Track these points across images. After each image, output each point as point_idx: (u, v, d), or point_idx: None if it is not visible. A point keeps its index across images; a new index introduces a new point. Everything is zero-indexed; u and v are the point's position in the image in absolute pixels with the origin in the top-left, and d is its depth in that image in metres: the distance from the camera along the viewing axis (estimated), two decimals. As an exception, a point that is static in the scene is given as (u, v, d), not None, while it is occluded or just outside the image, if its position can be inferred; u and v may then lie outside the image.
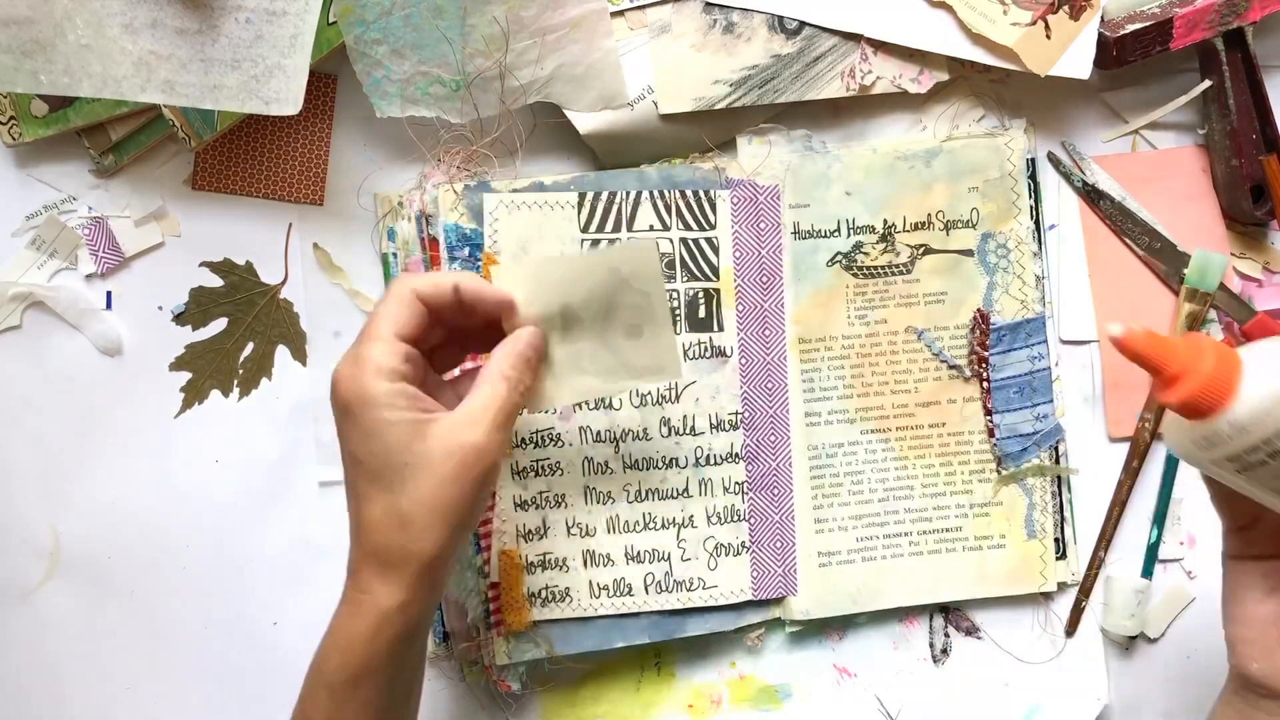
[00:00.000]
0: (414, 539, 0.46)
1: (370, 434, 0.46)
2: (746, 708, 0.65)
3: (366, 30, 0.58)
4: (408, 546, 0.46)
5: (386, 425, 0.46)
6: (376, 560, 0.47)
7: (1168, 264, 0.65)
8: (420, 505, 0.46)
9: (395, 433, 0.46)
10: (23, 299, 0.63)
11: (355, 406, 0.46)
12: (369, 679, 0.47)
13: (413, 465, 0.46)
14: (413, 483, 0.46)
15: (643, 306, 0.53)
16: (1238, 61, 0.62)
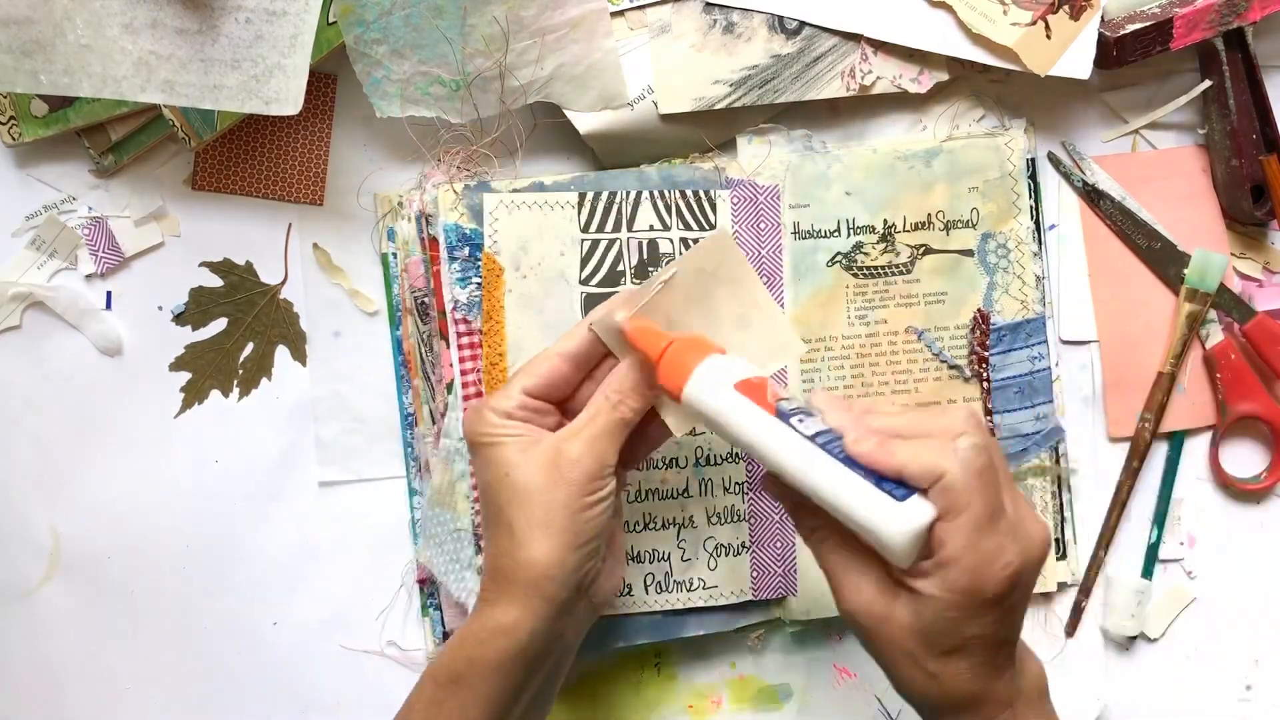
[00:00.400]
0: (520, 549, 0.48)
1: (485, 461, 0.50)
2: (746, 708, 0.65)
3: (366, 30, 0.58)
4: (517, 557, 0.49)
5: (494, 448, 0.50)
6: (496, 573, 0.50)
7: (1168, 264, 0.65)
8: (522, 515, 0.49)
9: (502, 453, 0.50)
10: (23, 299, 0.63)
11: (471, 439, 0.51)
12: (469, 683, 0.49)
13: (513, 477, 0.49)
14: (516, 496, 0.49)
15: (741, 295, 0.52)
16: (1238, 61, 0.62)
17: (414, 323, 0.62)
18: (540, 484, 0.49)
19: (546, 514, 0.49)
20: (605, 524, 0.50)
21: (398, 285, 0.63)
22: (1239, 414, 0.64)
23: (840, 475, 0.44)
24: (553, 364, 0.52)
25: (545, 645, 0.50)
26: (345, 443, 0.64)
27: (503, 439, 0.50)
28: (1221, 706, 0.66)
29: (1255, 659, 0.66)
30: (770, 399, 0.46)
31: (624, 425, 0.51)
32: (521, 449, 0.50)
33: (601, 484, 0.50)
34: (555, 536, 0.48)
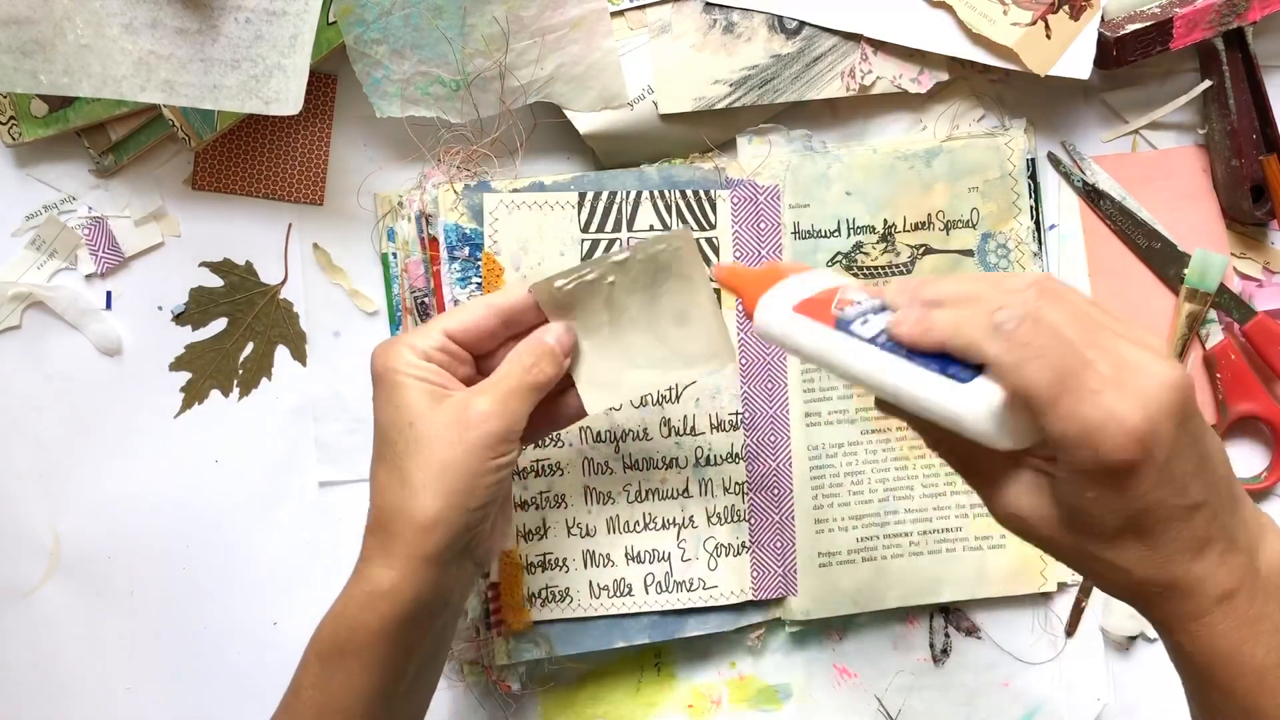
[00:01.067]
0: (410, 501, 0.46)
1: (388, 399, 0.48)
2: (746, 708, 0.65)
3: (366, 30, 0.58)
4: (404, 509, 0.46)
5: (403, 390, 0.47)
6: (378, 526, 0.48)
7: (1168, 264, 0.65)
8: (419, 467, 0.46)
9: (409, 397, 0.47)
10: (22, 299, 0.63)
11: (380, 373, 0.48)
12: (355, 653, 0.47)
13: (416, 427, 0.47)
14: (416, 445, 0.47)
15: (687, 293, 0.52)
16: (1238, 61, 0.62)
17: (414, 323, 0.62)
18: (444, 439, 0.46)
19: (444, 470, 0.46)
20: (503, 488, 0.49)
21: (398, 285, 0.63)
22: (1239, 414, 0.64)
23: (903, 370, 0.40)
24: (481, 312, 0.50)
25: (429, 607, 0.48)
26: (345, 443, 0.64)
27: (413, 381, 0.48)
28: (1221, 706, 0.66)
29: (1255, 659, 0.66)
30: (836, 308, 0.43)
31: (536, 389, 0.49)
32: (430, 397, 0.47)
33: (506, 447, 0.48)
34: (449, 495, 0.46)
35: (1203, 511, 0.37)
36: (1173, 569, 0.38)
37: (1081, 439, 0.36)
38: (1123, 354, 0.37)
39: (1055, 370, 0.36)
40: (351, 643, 0.47)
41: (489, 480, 0.47)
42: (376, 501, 0.48)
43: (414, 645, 0.49)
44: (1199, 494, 0.37)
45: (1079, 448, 0.36)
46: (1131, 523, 0.37)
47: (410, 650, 0.48)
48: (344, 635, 0.47)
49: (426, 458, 0.46)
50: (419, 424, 0.47)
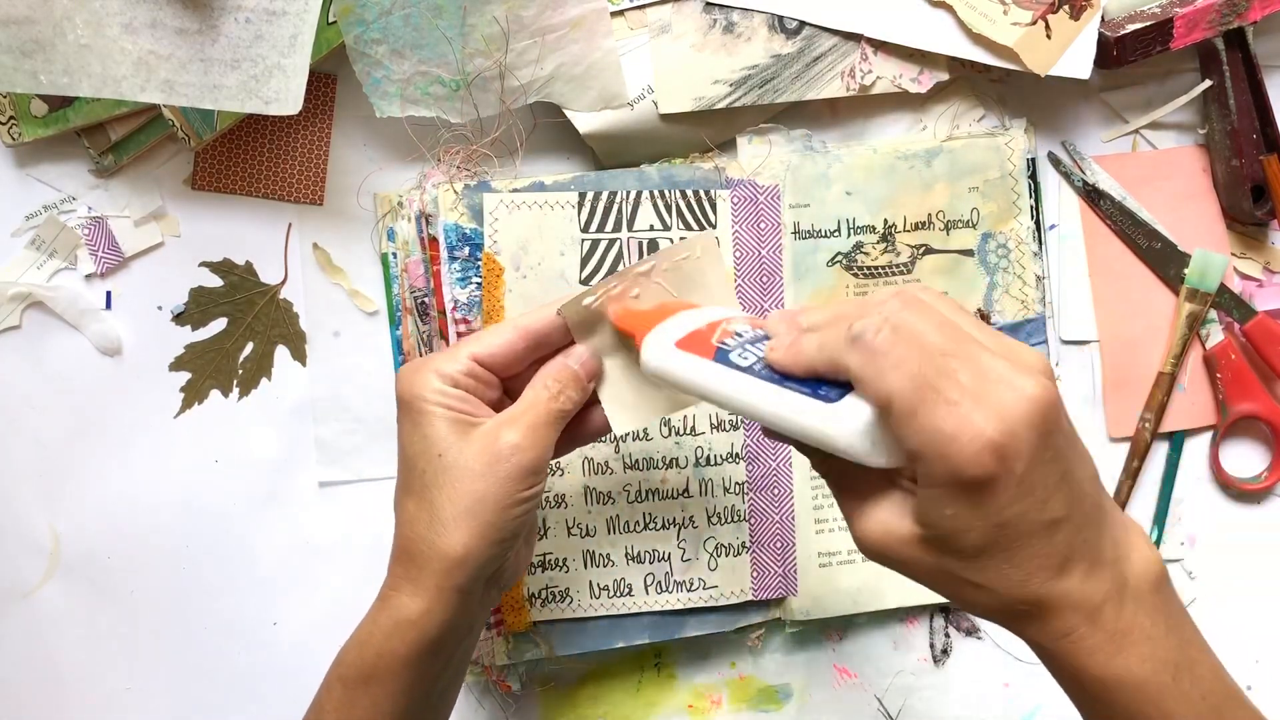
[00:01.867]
0: (440, 534, 0.46)
1: (415, 427, 0.47)
2: (746, 708, 0.65)
3: (366, 30, 0.58)
4: (434, 542, 0.46)
5: (431, 419, 0.47)
6: (406, 557, 0.47)
7: (1168, 264, 0.65)
8: (449, 499, 0.46)
9: (437, 427, 0.47)
10: (22, 299, 0.63)
11: (406, 400, 0.48)
12: (381, 680, 0.47)
13: (445, 458, 0.46)
14: (444, 476, 0.46)
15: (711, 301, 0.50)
16: (1238, 61, 0.62)
17: (414, 323, 0.62)
18: (473, 472, 0.46)
19: (474, 504, 0.46)
20: (531, 518, 0.48)
21: (398, 285, 0.63)
22: (1239, 414, 0.64)
23: (776, 395, 0.40)
24: (509, 336, 0.49)
25: (455, 634, 0.48)
26: (345, 443, 0.64)
27: (440, 410, 0.47)
28: (1221, 706, 0.66)
29: (1255, 659, 0.66)
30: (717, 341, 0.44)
31: (563, 417, 0.48)
32: (458, 427, 0.47)
33: (536, 479, 0.47)
34: (479, 529, 0.46)
35: (1064, 527, 0.36)
36: (1036, 586, 0.37)
37: (937, 451, 0.35)
38: (985, 365, 0.36)
39: (913, 379, 0.35)
40: (378, 670, 0.47)
41: (518, 511, 0.47)
42: (404, 532, 0.47)
43: (439, 672, 0.49)
44: (1060, 509, 0.36)
45: (935, 460, 0.35)
46: (992, 540, 0.36)
47: (436, 676, 0.49)
48: (370, 662, 0.47)
49: (456, 490, 0.46)
50: (448, 456, 0.46)
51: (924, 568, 0.39)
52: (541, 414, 0.47)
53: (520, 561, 0.52)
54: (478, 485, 0.46)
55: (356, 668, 0.47)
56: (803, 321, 0.41)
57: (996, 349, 0.36)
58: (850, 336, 0.37)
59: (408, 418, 0.48)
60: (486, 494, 0.46)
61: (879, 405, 0.36)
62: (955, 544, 0.37)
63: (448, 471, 0.46)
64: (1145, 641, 0.37)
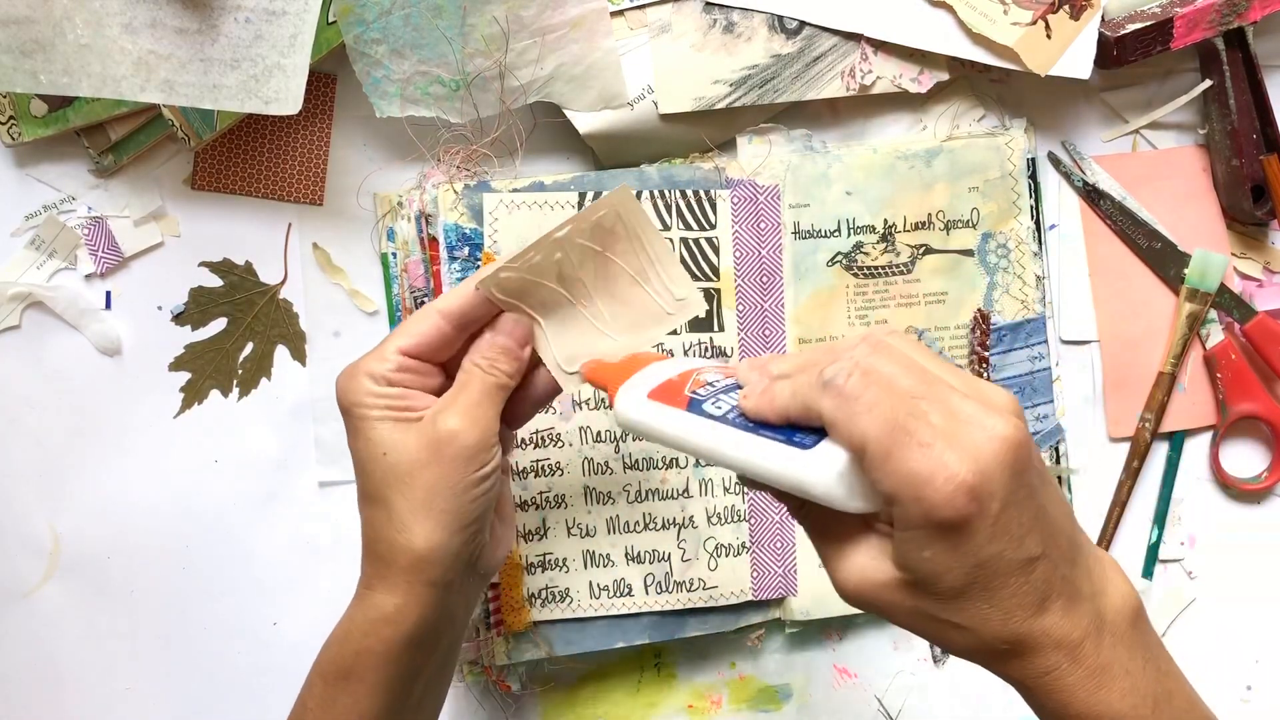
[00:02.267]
0: (400, 531, 0.46)
1: (358, 434, 0.47)
2: (746, 708, 0.65)
3: (366, 30, 0.58)
4: (395, 540, 0.46)
5: (369, 423, 0.47)
6: (374, 556, 0.47)
7: (1168, 264, 0.65)
8: (401, 496, 0.46)
9: (377, 430, 0.47)
10: (22, 299, 0.63)
11: (345, 409, 0.48)
12: (360, 676, 0.47)
13: (390, 457, 0.46)
14: (393, 474, 0.46)
15: (639, 250, 0.50)
16: (1238, 61, 0.62)
17: (414, 323, 0.62)
18: (420, 464, 0.46)
19: (428, 496, 0.45)
20: (492, 498, 0.48)
21: (397, 285, 0.63)
22: (1239, 414, 0.64)
23: (751, 443, 0.40)
24: (432, 321, 0.48)
25: (434, 627, 0.47)
26: (345, 443, 0.64)
27: (377, 411, 0.47)
28: (1221, 706, 0.66)
29: (1255, 659, 0.66)
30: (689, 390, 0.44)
31: (500, 390, 0.48)
32: (398, 426, 0.46)
33: (486, 457, 0.46)
34: (438, 519, 0.45)
35: (1042, 564, 0.37)
36: (1016, 625, 0.37)
37: (912, 494, 0.35)
38: (955, 407, 0.36)
39: (886, 422, 0.35)
40: (356, 667, 0.47)
41: (475, 494, 0.46)
42: (367, 533, 0.47)
43: (420, 666, 0.49)
44: (1036, 547, 0.36)
45: (910, 503, 0.35)
46: (970, 580, 0.36)
47: (417, 672, 0.48)
48: (349, 659, 0.47)
49: (407, 486, 0.46)
50: (392, 454, 0.46)
51: (904, 611, 0.39)
52: (476, 392, 0.47)
53: (499, 543, 0.51)
54: (426, 476, 0.46)
55: (335, 664, 0.47)
56: (774, 369, 0.41)
57: (966, 390, 0.37)
58: (822, 382, 0.37)
59: (350, 426, 0.48)
60: (437, 483, 0.46)
61: (853, 450, 0.37)
62: (934, 586, 0.37)
63: (395, 470, 0.46)
64: (1125, 676, 0.38)
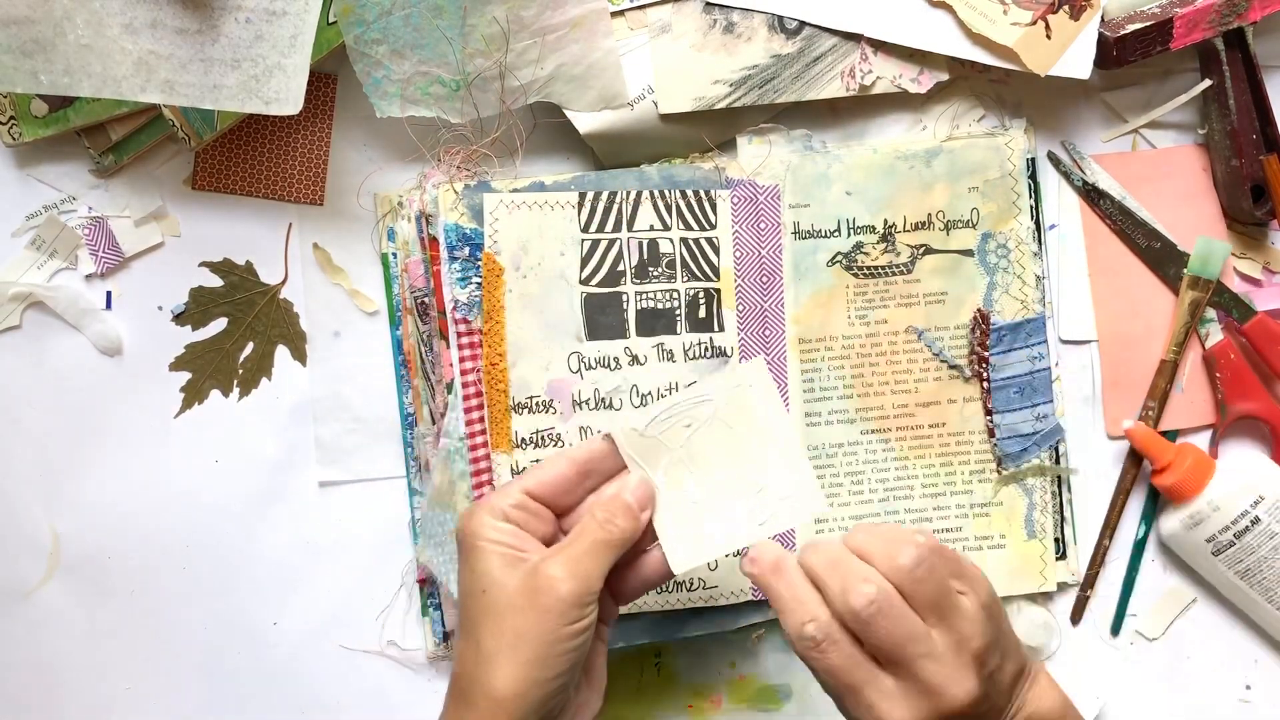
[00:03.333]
0: (485, 671, 0.45)
1: (467, 564, 0.47)
2: (746, 708, 0.65)
3: (366, 30, 0.58)
4: (480, 679, 0.45)
5: (481, 556, 0.47)
6: (458, 694, 0.47)
7: (1167, 263, 0.65)
8: (491, 635, 0.46)
9: (485, 564, 0.47)
10: (22, 299, 0.63)
11: (462, 538, 0.48)
12: None
13: (489, 594, 0.46)
14: (489, 613, 0.46)
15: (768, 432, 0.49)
16: (1238, 61, 0.62)
17: (414, 323, 0.62)
18: (515, 606, 0.45)
19: (516, 639, 0.45)
20: (581, 656, 0.47)
21: (398, 285, 0.63)
22: (1239, 414, 0.64)
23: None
24: (560, 467, 0.49)
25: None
26: (345, 443, 0.64)
27: (490, 546, 0.47)
28: (1221, 706, 0.66)
29: (1255, 659, 0.66)
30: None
31: (611, 547, 0.47)
32: (505, 564, 0.46)
33: (581, 612, 0.46)
34: (523, 665, 0.45)
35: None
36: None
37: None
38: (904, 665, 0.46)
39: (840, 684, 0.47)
40: None
41: (565, 648, 0.46)
42: (456, 669, 0.47)
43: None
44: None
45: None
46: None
47: None
48: None
49: (498, 626, 0.45)
50: (491, 591, 0.46)
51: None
52: (587, 544, 0.47)
53: (582, 708, 0.50)
54: (519, 621, 0.45)
55: None
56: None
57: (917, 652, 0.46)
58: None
59: (463, 555, 0.48)
60: (529, 630, 0.45)
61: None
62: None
63: (491, 608, 0.46)
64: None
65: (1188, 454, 0.62)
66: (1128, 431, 0.63)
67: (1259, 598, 0.63)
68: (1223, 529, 0.61)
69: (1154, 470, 0.63)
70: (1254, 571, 0.62)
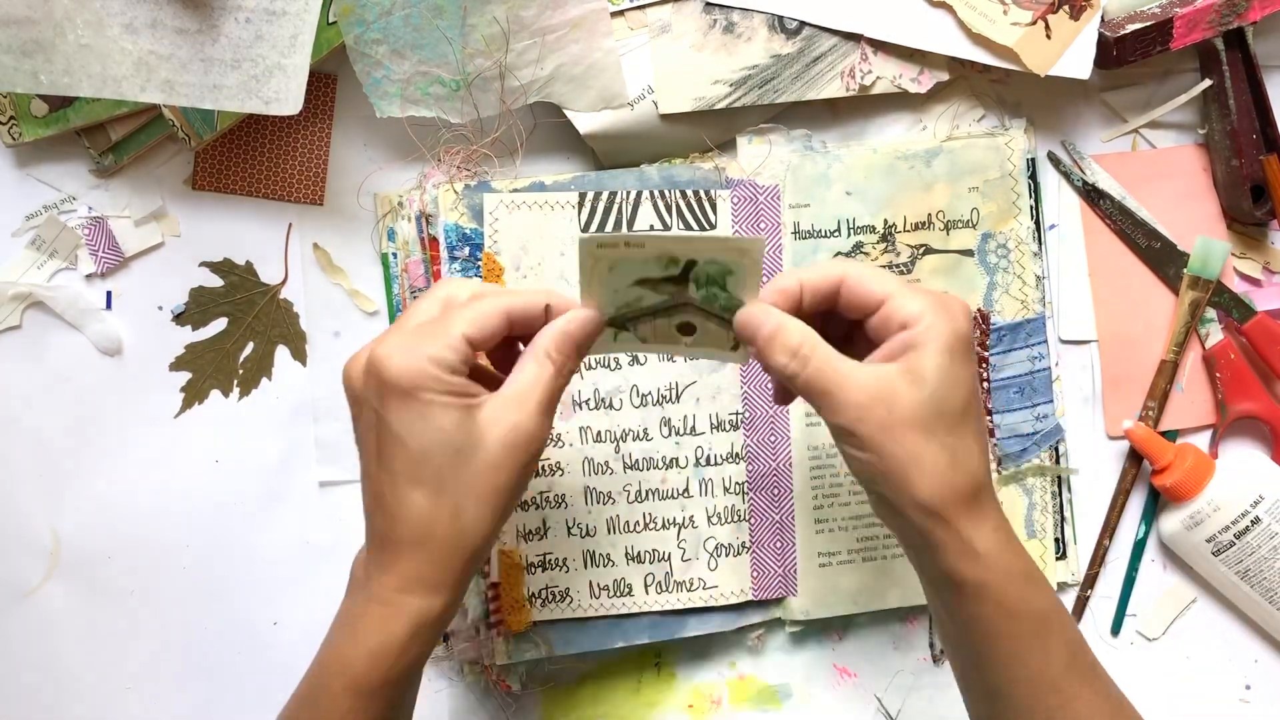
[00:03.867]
0: (465, 527, 0.45)
1: (422, 418, 0.44)
2: (746, 708, 0.65)
3: (366, 30, 0.58)
4: (458, 536, 0.45)
5: (437, 410, 0.44)
6: (418, 552, 0.45)
7: (1167, 263, 0.65)
8: (470, 490, 0.44)
9: (449, 417, 0.44)
10: (23, 299, 0.63)
11: (407, 388, 0.44)
12: (398, 685, 0.46)
13: (464, 451, 0.44)
14: (465, 469, 0.44)
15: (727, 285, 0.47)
16: (1238, 61, 0.62)
17: (414, 323, 0.62)
18: (492, 463, 0.44)
19: (493, 494, 0.44)
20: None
21: (398, 285, 0.63)
22: (1239, 414, 0.64)
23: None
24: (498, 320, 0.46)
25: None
26: (345, 443, 0.64)
27: (448, 399, 0.44)
28: (1221, 706, 0.66)
29: (1255, 659, 0.66)
30: None
31: (564, 386, 0.47)
32: (466, 415, 0.44)
33: (541, 449, 0.46)
34: (497, 516, 0.45)
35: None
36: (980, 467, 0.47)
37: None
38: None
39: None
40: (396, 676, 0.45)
41: (524, 485, 0.46)
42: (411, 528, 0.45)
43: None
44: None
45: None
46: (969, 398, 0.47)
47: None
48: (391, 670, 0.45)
49: (478, 482, 0.45)
50: (465, 449, 0.44)
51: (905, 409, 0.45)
52: (547, 392, 0.46)
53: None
54: (498, 475, 0.45)
55: (370, 678, 0.45)
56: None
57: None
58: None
59: (408, 406, 0.44)
60: (506, 483, 0.45)
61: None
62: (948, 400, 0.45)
63: (467, 464, 0.44)
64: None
65: (1188, 454, 0.62)
66: (1128, 431, 0.63)
67: (1259, 598, 0.63)
68: (1223, 529, 0.61)
69: (1154, 470, 0.63)
70: (1254, 571, 0.62)
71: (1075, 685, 0.47)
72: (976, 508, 0.46)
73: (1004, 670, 0.47)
